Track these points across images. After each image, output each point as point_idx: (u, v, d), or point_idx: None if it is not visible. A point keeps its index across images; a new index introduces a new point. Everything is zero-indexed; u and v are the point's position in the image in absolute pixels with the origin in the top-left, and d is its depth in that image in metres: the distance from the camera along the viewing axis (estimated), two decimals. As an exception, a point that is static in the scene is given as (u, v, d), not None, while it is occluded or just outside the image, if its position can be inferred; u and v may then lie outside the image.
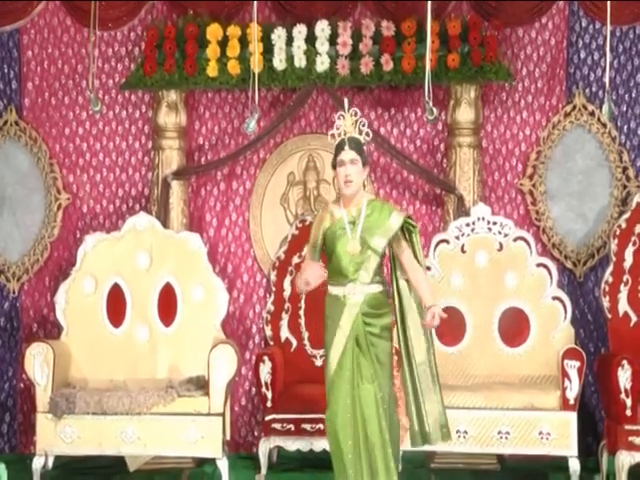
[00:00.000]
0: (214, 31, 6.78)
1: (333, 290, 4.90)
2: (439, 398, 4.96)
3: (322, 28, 6.74)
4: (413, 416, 4.94)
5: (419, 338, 4.96)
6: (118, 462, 6.31)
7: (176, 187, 6.98)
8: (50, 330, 7.01)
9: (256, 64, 6.46)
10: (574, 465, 5.97)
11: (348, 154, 4.83)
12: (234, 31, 6.77)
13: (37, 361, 6.10)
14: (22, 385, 7.05)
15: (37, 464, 6.02)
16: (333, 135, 4.90)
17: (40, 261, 7.14)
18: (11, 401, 7.11)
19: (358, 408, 4.79)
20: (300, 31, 6.75)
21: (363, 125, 4.89)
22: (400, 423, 4.99)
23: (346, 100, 5.00)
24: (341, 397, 4.81)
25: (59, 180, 7.15)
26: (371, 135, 4.94)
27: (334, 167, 4.92)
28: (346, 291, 4.85)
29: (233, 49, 6.76)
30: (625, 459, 5.88)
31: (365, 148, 4.92)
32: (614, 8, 6.17)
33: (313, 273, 4.83)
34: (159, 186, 6.95)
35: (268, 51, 6.75)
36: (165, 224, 6.82)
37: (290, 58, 6.76)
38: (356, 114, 4.89)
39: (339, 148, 4.86)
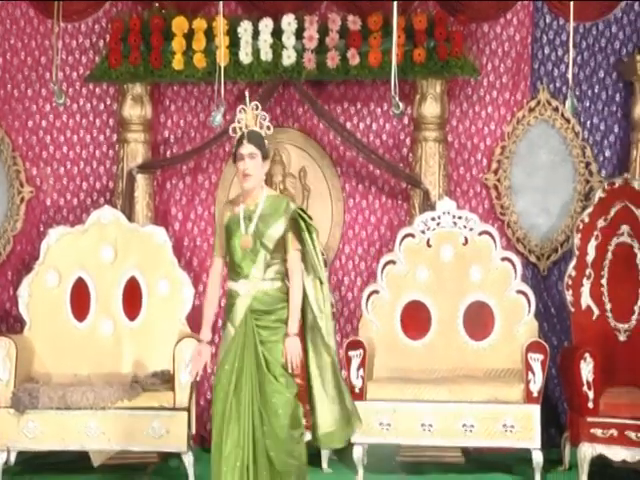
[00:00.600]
0: (180, 24, 6.76)
1: (229, 285, 4.87)
2: (337, 399, 4.85)
3: (288, 22, 6.74)
4: (315, 416, 4.87)
5: (317, 340, 4.86)
6: (82, 457, 6.27)
7: (141, 180, 6.96)
8: (12, 324, 6.99)
9: (222, 57, 6.48)
10: (537, 457, 6.00)
11: (247, 148, 4.79)
12: (200, 24, 6.76)
13: (-1, 356, 6.05)
14: (-16, 380, 6.98)
15: (-1, 460, 6.03)
16: (234, 129, 4.87)
17: (2, 255, 7.11)
18: (-27, 396, 7.03)
19: (238, 414, 4.79)
20: (266, 25, 6.74)
21: (264, 119, 4.87)
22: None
23: (247, 93, 4.98)
24: (219, 400, 4.81)
25: (22, 173, 7.12)
26: (272, 129, 4.91)
27: (234, 161, 4.89)
28: (238, 287, 4.80)
29: (199, 42, 6.76)
30: (587, 451, 5.96)
31: (266, 142, 4.88)
32: (577, 5, 6.24)
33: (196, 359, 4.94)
34: (124, 179, 6.93)
35: (234, 44, 6.75)
36: (130, 218, 6.81)
37: (256, 52, 6.76)
38: (257, 108, 4.88)
39: (238, 142, 4.83)
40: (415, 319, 6.60)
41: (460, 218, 6.67)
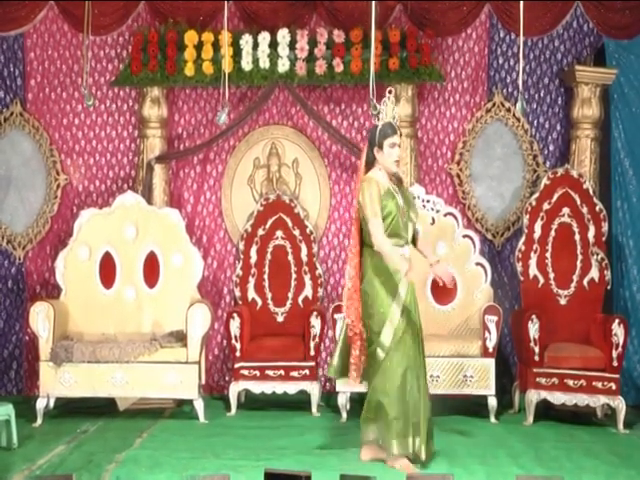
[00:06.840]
0: (191, 37, 6.71)
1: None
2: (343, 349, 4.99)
3: (283, 35, 6.69)
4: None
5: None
6: (109, 403, 6.34)
7: (158, 170, 6.92)
8: (51, 291, 6.96)
9: (227, 65, 6.45)
10: (492, 402, 6.09)
11: (399, 139, 4.87)
12: (208, 37, 6.72)
13: (40, 317, 6.09)
14: (27, 338, 7.03)
15: (40, 404, 6.03)
16: (375, 116, 4.92)
17: (42, 232, 7.08)
18: (18, 351, 7.08)
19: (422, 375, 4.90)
20: (264, 37, 6.70)
21: (397, 113, 4.97)
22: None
23: (390, 89, 4.97)
24: (411, 362, 4.82)
25: (58, 163, 7.07)
26: (399, 121, 4.99)
27: (380, 146, 4.86)
28: (404, 251, 4.81)
29: (207, 52, 6.71)
30: (533, 396, 6.03)
31: None
32: (526, 22, 6.19)
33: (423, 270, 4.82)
34: (144, 169, 6.89)
35: (237, 54, 6.71)
36: (149, 201, 6.79)
37: (256, 60, 6.72)
38: (394, 102, 4.94)
39: (391, 131, 4.84)
40: (392, 287, 6.58)
41: (428, 201, 6.66)
